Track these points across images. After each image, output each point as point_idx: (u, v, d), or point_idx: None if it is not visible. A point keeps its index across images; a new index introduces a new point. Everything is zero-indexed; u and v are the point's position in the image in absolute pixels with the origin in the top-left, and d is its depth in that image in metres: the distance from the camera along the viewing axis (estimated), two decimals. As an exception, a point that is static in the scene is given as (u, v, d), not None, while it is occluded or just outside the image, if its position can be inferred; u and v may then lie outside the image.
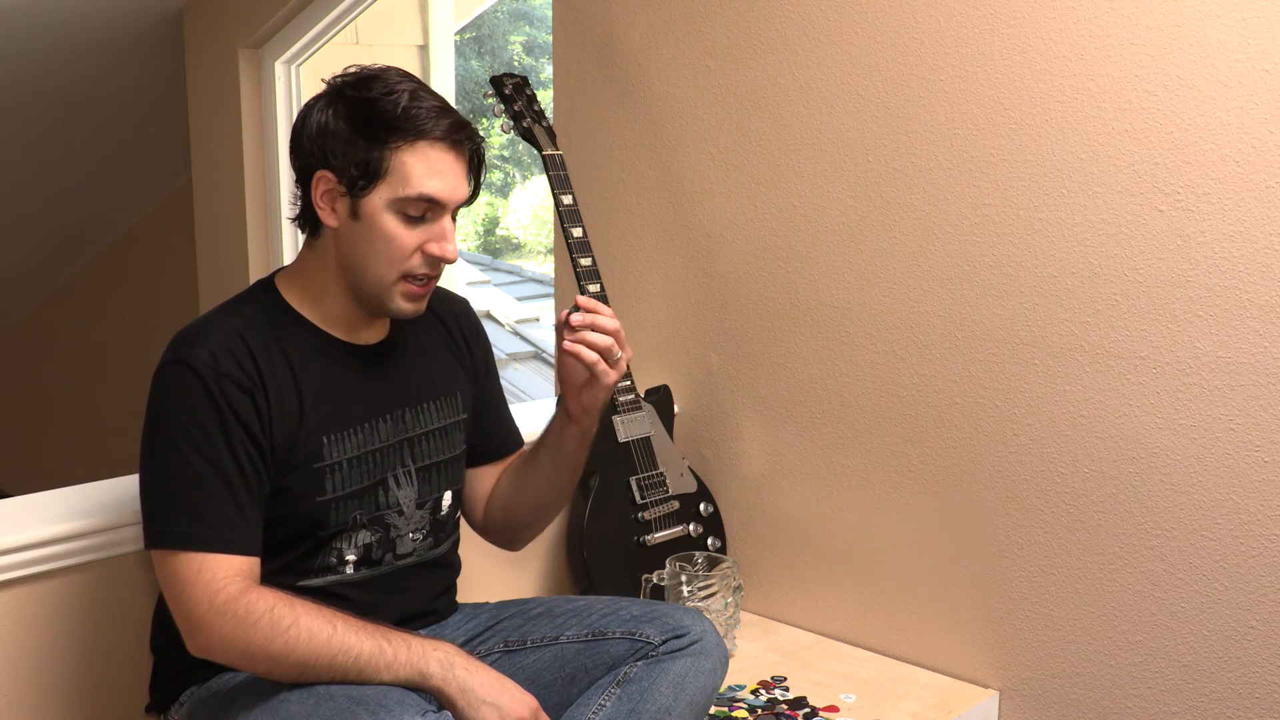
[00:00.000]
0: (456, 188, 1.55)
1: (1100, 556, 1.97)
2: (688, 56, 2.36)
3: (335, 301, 1.60)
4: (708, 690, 1.63)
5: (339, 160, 1.52)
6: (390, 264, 1.54)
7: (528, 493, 1.79)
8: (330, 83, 1.57)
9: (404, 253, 1.54)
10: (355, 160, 1.51)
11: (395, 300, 1.57)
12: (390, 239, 1.53)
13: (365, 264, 1.55)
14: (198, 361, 1.48)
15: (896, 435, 2.19)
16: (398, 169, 1.51)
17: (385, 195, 1.52)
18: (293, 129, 1.58)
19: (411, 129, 1.51)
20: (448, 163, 1.54)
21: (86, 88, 3.76)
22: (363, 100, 1.52)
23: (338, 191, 1.53)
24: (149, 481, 1.50)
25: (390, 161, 1.51)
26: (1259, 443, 1.81)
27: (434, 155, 1.52)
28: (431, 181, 1.52)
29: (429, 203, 1.53)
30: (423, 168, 1.52)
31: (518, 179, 8.63)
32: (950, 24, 2.02)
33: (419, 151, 1.52)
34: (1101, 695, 2.00)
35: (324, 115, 1.54)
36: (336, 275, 1.58)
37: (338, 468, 1.57)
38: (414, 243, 1.54)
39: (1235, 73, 1.76)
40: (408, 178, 1.51)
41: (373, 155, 1.51)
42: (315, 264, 1.60)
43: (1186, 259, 1.84)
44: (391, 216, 1.53)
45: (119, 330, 4.74)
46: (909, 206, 2.11)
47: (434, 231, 1.55)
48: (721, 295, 2.40)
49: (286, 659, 1.43)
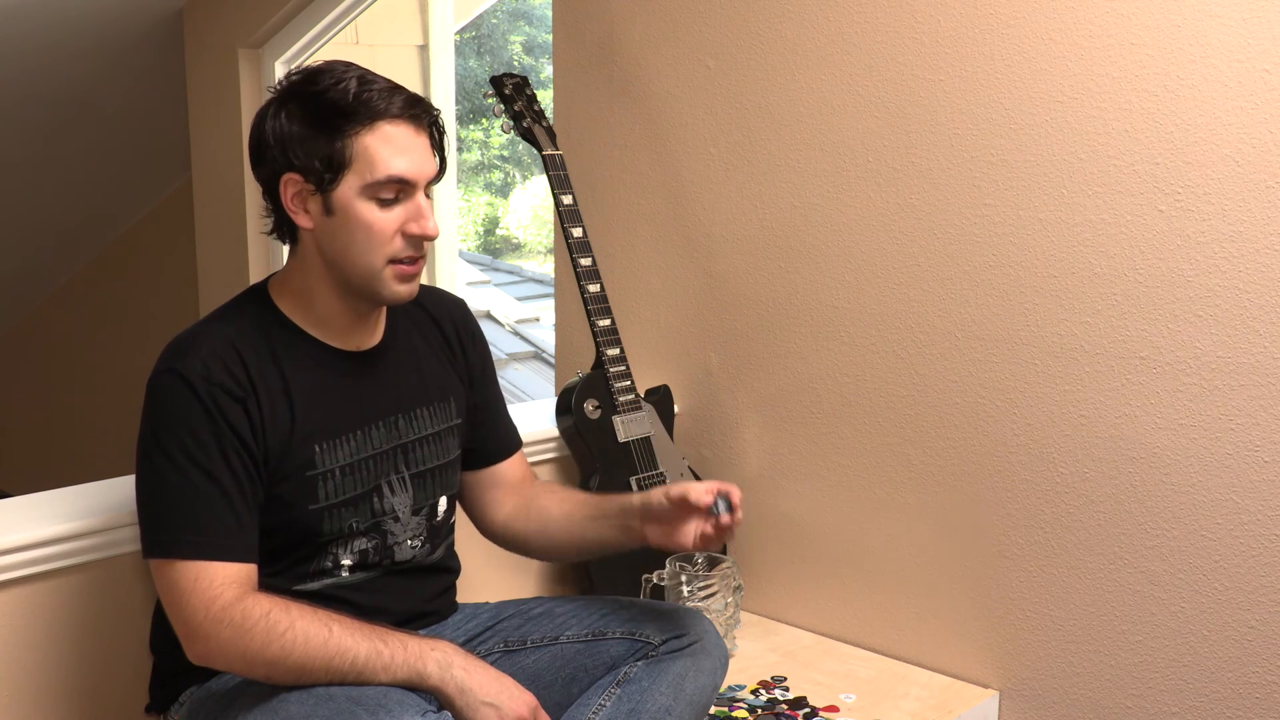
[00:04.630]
0: (424, 163, 1.54)
1: (1100, 556, 1.97)
2: (688, 56, 2.36)
3: (325, 304, 1.59)
4: (708, 690, 1.63)
5: (302, 159, 1.51)
6: (374, 252, 1.53)
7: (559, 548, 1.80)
8: (277, 87, 1.56)
9: (385, 237, 1.53)
10: (318, 155, 1.50)
11: (388, 285, 1.56)
12: (369, 227, 1.52)
13: (349, 257, 1.54)
14: (190, 371, 1.48)
15: (896, 435, 2.19)
16: (361, 154, 1.50)
17: (354, 184, 1.51)
18: (250, 141, 1.57)
19: (366, 112, 1.50)
20: (409, 138, 1.53)
21: (86, 88, 3.76)
22: (313, 95, 1.52)
23: (307, 191, 1.52)
24: (145, 491, 1.50)
25: (353, 149, 1.50)
26: (1259, 443, 1.81)
27: (395, 134, 1.51)
28: (398, 160, 1.51)
29: (399, 183, 1.52)
30: (386, 149, 1.51)
31: (518, 179, 8.64)
32: (950, 24, 2.02)
33: (379, 132, 1.51)
34: (1101, 695, 2.00)
35: (278, 120, 1.53)
36: (322, 276, 1.57)
37: (330, 475, 1.57)
38: (393, 226, 1.53)
39: (1235, 73, 1.76)
40: (373, 161, 1.50)
41: (334, 146, 1.50)
42: (300, 270, 1.59)
43: (1186, 259, 1.84)
44: (365, 203, 1.52)
45: (119, 330, 4.74)
46: (909, 206, 2.11)
47: (410, 211, 1.54)
48: (721, 295, 2.40)
49: (284, 663, 1.43)
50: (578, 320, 2.49)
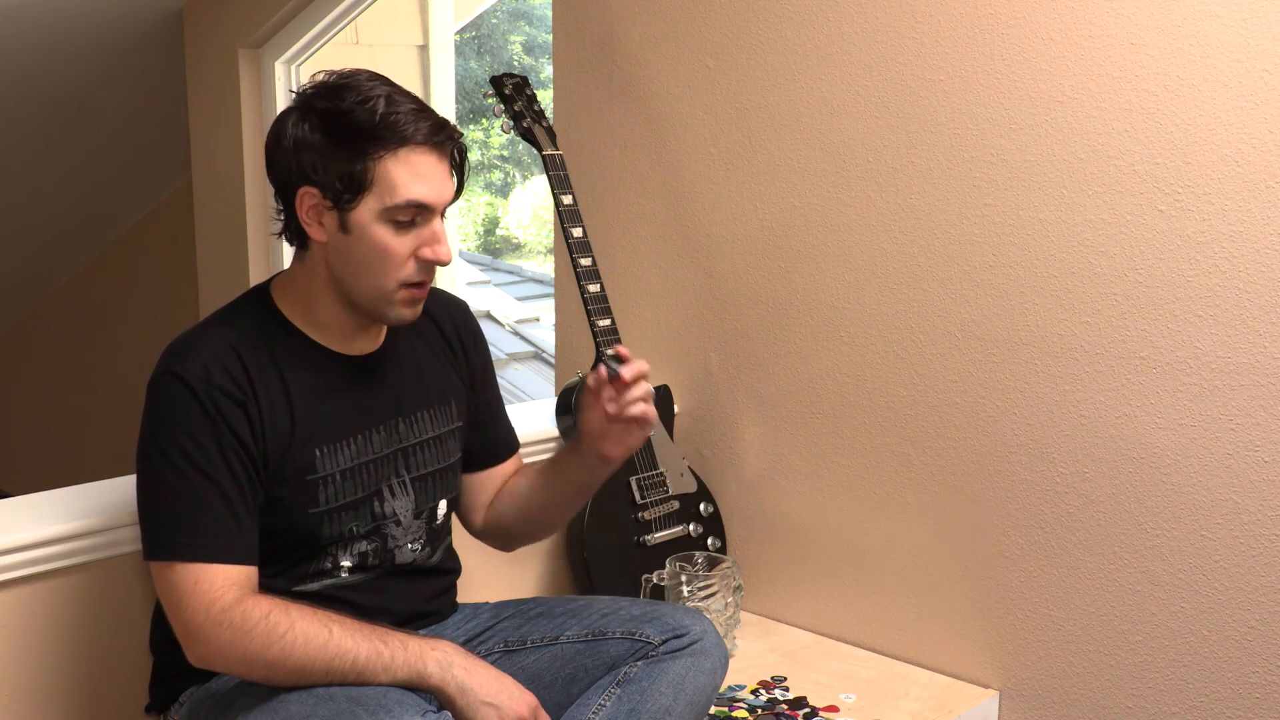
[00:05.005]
0: (443, 190, 1.53)
1: (1100, 556, 1.97)
2: (688, 56, 2.36)
3: (327, 311, 1.58)
4: (708, 690, 1.63)
5: (321, 175, 1.49)
6: (387, 275, 1.52)
7: (537, 516, 1.79)
8: (300, 94, 1.53)
9: (399, 261, 1.52)
10: (338, 174, 1.48)
11: (396, 309, 1.55)
12: (384, 250, 1.51)
13: (360, 277, 1.53)
14: (189, 374, 1.48)
15: (896, 435, 2.19)
16: (383, 178, 1.48)
17: (373, 206, 1.49)
18: (267, 144, 1.55)
19: (393, 137, 1.48)
20: (431, 165, 1.51)
21: (86, 88, 3.76)
22: (337, 111, 1.49)
23: (324, 206, 1.50)
24: (145, 493, 1.50)
25: (374, 172, 1.48)
26: (1259, 443, 1.81)
27: (418, 160, 1.49)
28: (418, 187, 1.49)
29: (418, 208, 1.50)
30: (408, 175, 1.49)
31: (518, 179, 8.63)
32: (950, 24, 2.02)
33: (402, 159, 1.49)
34: (1101, 695, 2.00)
35: (300, 130, 1.50)
36: (327, 286, 1.56)
37: (331, 479, 1.57)
38: (407, 250, 1.52)
39: (1235, 73, 1.76)
40: (394, 186, 1.48)
41: (355, 168, 1.48)
42: (305, 275, 1.58)
43: (1186, 259, 1.84)
44: (382, 226, 1.50)
45: (119, 330, 4.73)
46: (909, 206, 2.11)
47: (425, 236, 1.52)
48: (721, 295, 2.39)
49: (284, 665, 1.43)
50: (578, 320, 2.49)
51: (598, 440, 1.65)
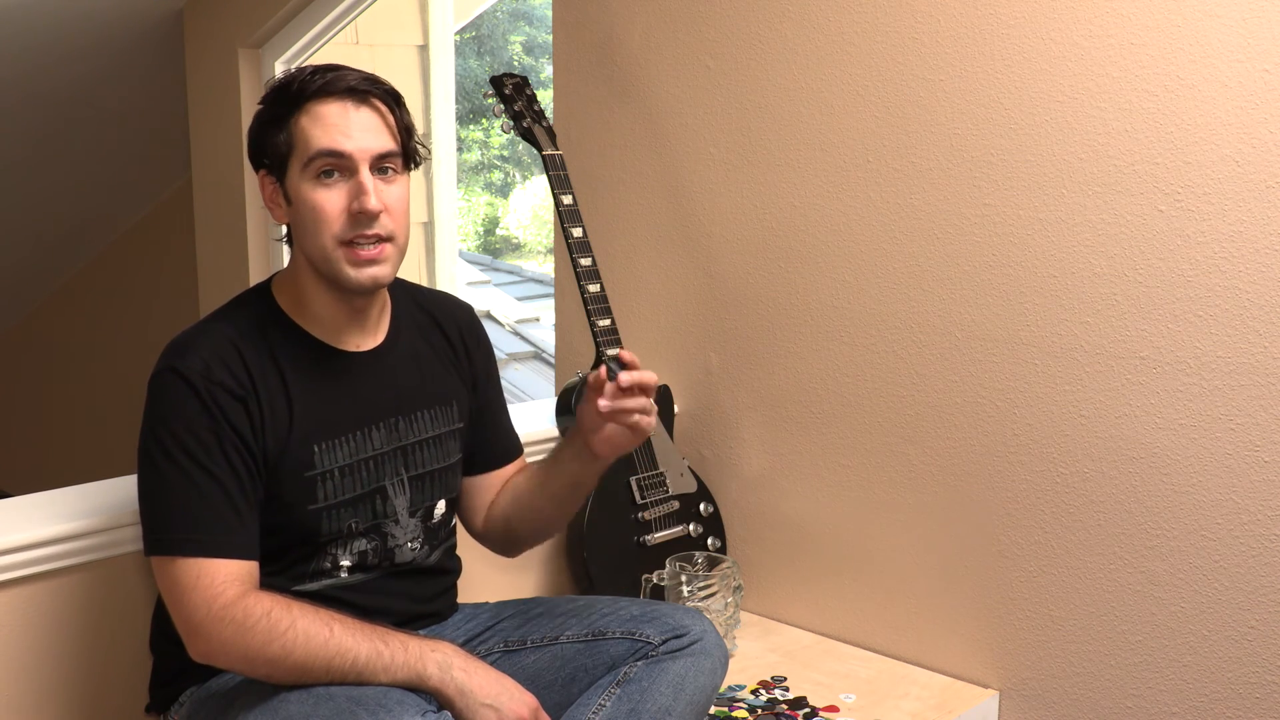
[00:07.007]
0: (361, 139, 1.52)
1: (1100, 556, 1.97)
2: (688, 56, 2.36)
3: (318, 300, 1.59)
4: (708, 690, 1.63)
5: (268, 157, 1.55)
6: (321, 233, 1.53)
7: (534, 511, 1.78)
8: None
9: (329, 216, 1.52)
10: (272, 148, 1.54)
11: (343, 270, 1.54)
12: (314, 207, 1.53)
13: (307, 242, 1.55)
14: (190, 370, 1.48)
15: (896, 435, 2.19)
16: (299, 137, 1.53)
17: (297, 168, 1.53)
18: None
19: (303, 96, 1.53)
20: (340, 113, 1.52)
21: (86, 88, 3.76)
22: (273, 90, 1.56)
23: (274, 185, 1.56)
24: (146, 490, 1.50)
25: (294, 134, 1.53)
26: (1259, 443, 1.81)
27: (324, 111, 1.52)
28: (326, 136, 1.51)
29: (331, 157, 1.51)
30: (317, 127, 1.52)
31: (518, 179, 8.63)
32: (950, 24, 2.02)
33: (310, 113, 1.52)
34: (1101, 695, 2.00)
35: (254, 121, 1.58)
36: (307, 269, 1.58)
37: (329, 476, 1.57)
38: (338, 206, 1.52)
39: (1235, 73, 1.76)
40: (307, 140, 1.52)
41: (280, 137, 1.53)
42: (294, 267, 1.61)
43: (1186, 259, 1.84)
44: (309, 185, 1.53)
45: (119, 330, 4.73)
46: (909, 206, 2.11)
47: (353, 188, 1.53)
48: (721, 295, 2.40)
49: (284, 662, 1.43)
50: (578, 320, 2.49)
51: (588, 435, 1.65)
